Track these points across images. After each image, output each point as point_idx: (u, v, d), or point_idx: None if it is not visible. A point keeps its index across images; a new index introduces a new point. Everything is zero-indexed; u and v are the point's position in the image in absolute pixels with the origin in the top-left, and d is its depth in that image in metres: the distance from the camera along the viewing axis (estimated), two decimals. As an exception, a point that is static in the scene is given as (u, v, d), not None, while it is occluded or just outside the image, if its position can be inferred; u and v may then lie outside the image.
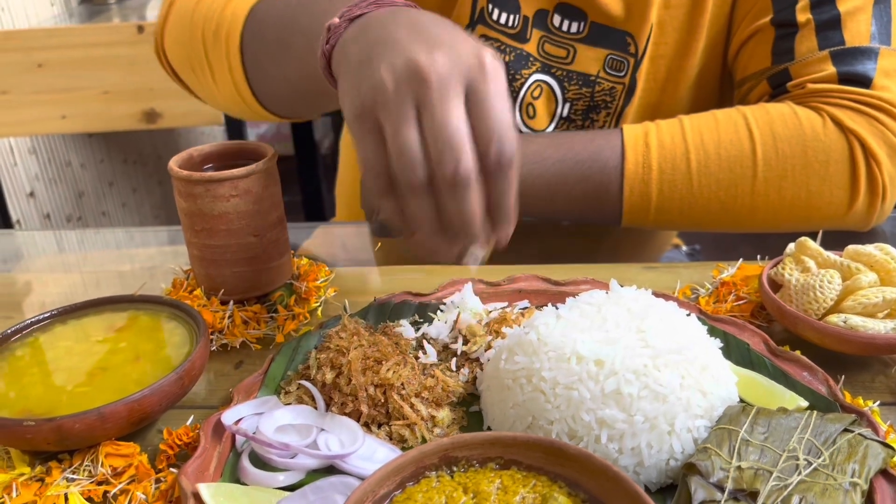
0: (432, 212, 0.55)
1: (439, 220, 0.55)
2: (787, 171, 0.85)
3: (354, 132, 0.57)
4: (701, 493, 0.49)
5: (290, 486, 0.54)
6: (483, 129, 0.54)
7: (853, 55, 0.86)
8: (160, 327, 0.66)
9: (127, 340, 0.65)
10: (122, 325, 0.66)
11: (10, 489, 0.55)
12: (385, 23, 0.61)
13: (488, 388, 0.61)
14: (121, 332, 0.66)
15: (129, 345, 0.64)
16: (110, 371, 0.62)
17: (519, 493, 0.47)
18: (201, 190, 0.71)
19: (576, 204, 0.90)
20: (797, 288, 0.68)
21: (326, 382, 0.61)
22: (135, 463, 0.57)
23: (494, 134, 0.54)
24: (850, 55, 0.86)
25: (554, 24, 0.92)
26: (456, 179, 0.53)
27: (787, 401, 0.58)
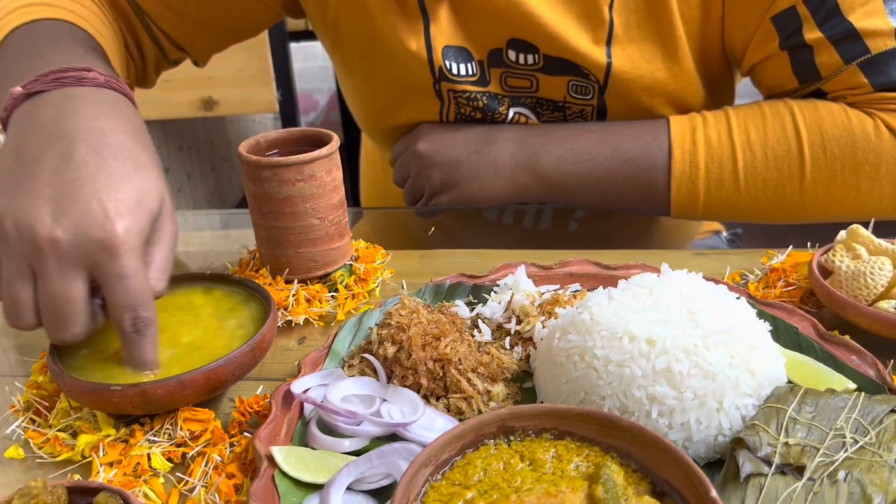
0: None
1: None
2: (836, 172, 0.84)
3: None
4: (748, 466, 0.51)
5: (354, 452, 0.58)
6: (112, 302, 0.57)
7: (883, 62, 0.83)
8: (233, 303, 0.70)
9: (202, 313, 0.69)
10: (198, 300, 0.70)
11: (98, 449, 0.60)
12: (44, 133, 0.61)
13: (541, 365, 0.64)
14: (197, 306, 0.70)
15: (204, 317, 0.68)
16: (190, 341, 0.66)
17: (573, 461, 0.50)
18: (268, 174, 0.75)
19: (626, 199, 0.92)
20: (848, 274, 0.69)
21: (388, 356, 0.64)
22: (210, 428, 0.61)
23: (124, 308, 0.57)
24: (881, 63, 0.83)
25: (510, 58, 0.92)
26: (61, 343, 0.59)
27: (835, 383, 0.60)
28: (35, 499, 0.48)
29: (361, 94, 1.05)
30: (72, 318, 0.57)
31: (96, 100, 0.65)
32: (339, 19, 0.96)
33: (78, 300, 0.57)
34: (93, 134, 0.61)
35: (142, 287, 0.58)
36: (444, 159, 0.96)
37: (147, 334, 0.59)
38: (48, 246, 0.55)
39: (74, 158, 0.59)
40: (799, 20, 0.84)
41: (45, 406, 0.65)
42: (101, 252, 0.56)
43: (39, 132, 0.61)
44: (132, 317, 0.58)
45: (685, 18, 0.87)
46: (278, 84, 2.17)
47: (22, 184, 0.58)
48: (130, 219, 0.57)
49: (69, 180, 0.58)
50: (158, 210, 0.61)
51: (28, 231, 0.56)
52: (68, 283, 0.56)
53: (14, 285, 0.57)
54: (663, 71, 0.90)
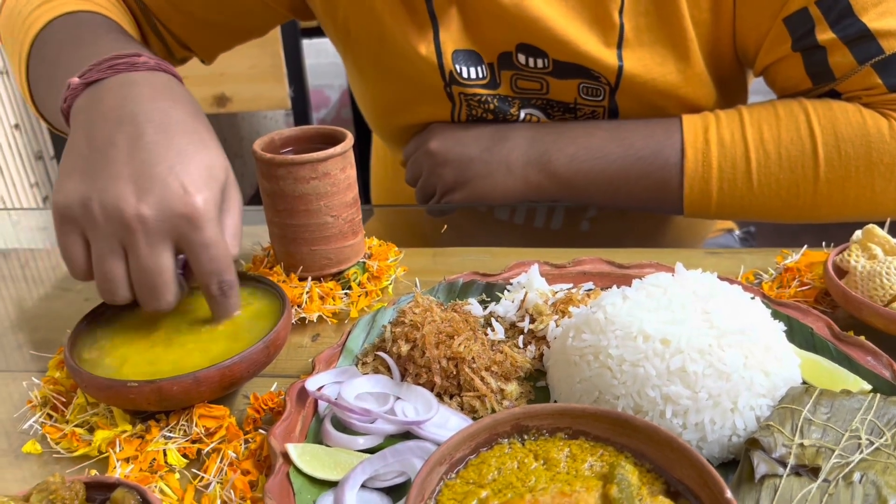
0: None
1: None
2: (851, 173, 0.84)
3: (58, 225, 0.62)
4: (763, 466, 0.51)
5: (369, 450, 0.58)
6: (199, 269, 0.62)
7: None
8: (247, 299, 0.71)
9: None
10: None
11: (114, 444, 0.60)
12: (111, 118, 0.64)
13: (555, 364, 0.64)
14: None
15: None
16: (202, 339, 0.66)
17: (587, 461, 0.50)
18: (283, 172, 0.75)
19: (638, 197, 0.92)
20: (863, 274, 0.69)
21: (402, 354, 0.64)
22: (225, 424, 0.62)
23: (210, 274, 0.62)
24: (895, 63, 0.83)
25: (520, 61, 0.91)
26: (156, 311, 0.62)
27: (851, 384, 0.59)
28: (53, 494, 0.49)
29: (372, 95, 1.05)
30: (164, 286, 0.61)
31: (152, 83, 0.68)
32: (348, 23, 0.96)
33: (168, 270, 0.61)
34: (157, 114, 0.64)
35: (224, 253, 0.62)
36: (456, 157, 0.96)
37: (232, 295, 0.64)
38: (137, 223, 0.59)
39: (145, 139, 0.62)
40: (811, 21, 0.84)
41: (62, 402, 0.66)
42: (186, 224, 0.60)
43: (107, 118, 0.64)
44: (218, 281, 0.63)
45: (696, 21, 0.87)
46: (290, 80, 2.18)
47: (101, 168, 0.61)
48: (207, 192, 0.61)
49: (144, 160, 0.61)
50: (226, 180, 0.65)
51: (116, 211, 0.59)
52: (158, 255, 0.60)
53: (107, 263, 0.61)
54: (675, 74, 0.89)
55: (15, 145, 2.15)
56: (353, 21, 0.96)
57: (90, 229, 0.61)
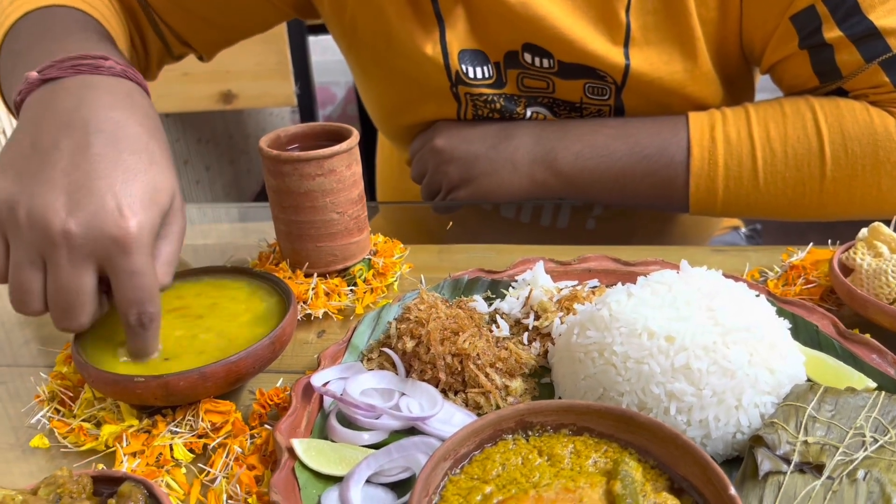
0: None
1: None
2: (857, 171, 0.84)
3: None
4: (767, 464, 0.51)
5: (374, 445, 0.58)
6: (119, 297, 0.58)
7: None
8: (253, 296, 0.71)
9: (223, 306, 0.69)
10: (219, 292, 0.71)
11: (121, 439, 0.61)
12: (61, 120, 0.61)
13: (560, 360, 0.64)
14: (218, 298, 0.70)
15: (224, 310, 0.69)
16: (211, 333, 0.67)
17: (591, 457, 0.50)
18: (289, 169, 0.76)
19: (644, 195, 0.92)
20: (869, 272, 0.69)
21: (407, 351, 0.64)
22: (231, 419, 0.62)
23: (130, 304, 0.58)
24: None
25: (526, 60, 0.91)
26: (67, 331, 0.60)
27: (855, 381, 0.59)
28: (61, 487, 0.49)
29: (378, 95, 1.05)
30: (80, 308, 0.58)
31: (113, 90, 0.65)
32: (355, 23, 0.97)
33: (87, 292, 0.58)
34: (109, 125, 0.61)
35: (150, 283, 0.58)
36: (462, 154, 0.96)
37: (150, 328, 0.60)
38: (61, 238, 0.56)
39: (91, 150, 0.59)
40: (818, 19, 0.84)
41: (69, 396, 0.66)
42: (113, 248, 0.56)
43: (56, 120, 0.61)
44: (138, 312, 0.58)
45: (703, 20, 0.87)
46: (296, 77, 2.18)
47: (38, 171, 0.58)
48: (143, 216, 0.58)
49: (85, 172, 0.58)
50: (169, 206, 0.62)
51: (42, 221, 0.56)
52: (79, 275, 0.57)
53: (24, 273, 0.58)
54: (682, 72, 0.89)
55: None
56: (360, 21, 0.96)
57: (12, 234, 0.58)
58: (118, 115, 0.62)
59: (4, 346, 0.79)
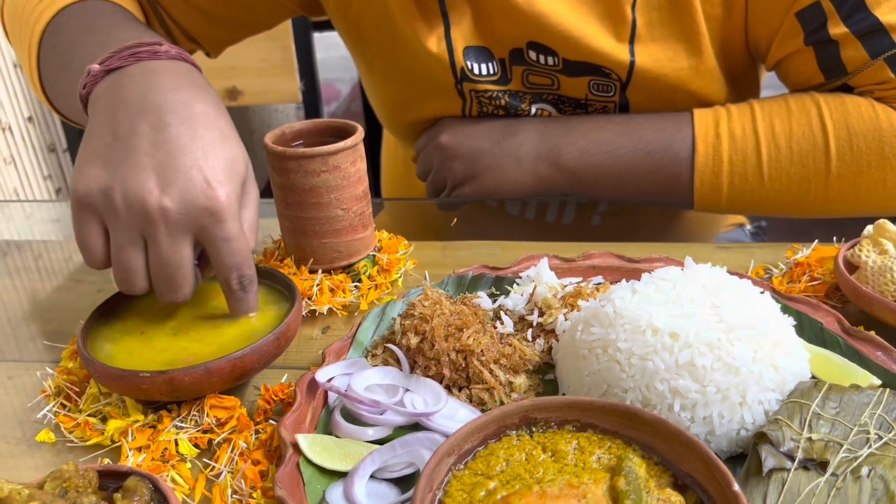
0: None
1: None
2: (863, 167, 0.83)
3: (76, 213, 0.61)
4: (771, 460, 0.51)
5: (378, 441, 0.59)
6: (219, 263, 0.62)
7: None
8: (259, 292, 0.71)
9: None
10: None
11: (127, 434, 0.61)
12: (134, 107, 0.63)
13: (564, 357, 0.64)
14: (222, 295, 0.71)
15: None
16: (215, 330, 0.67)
17: (595, 453, 0.50)
18: (294, 165, 0.76)
19: (648, 191, 0.92)
20: (874, 269, 0.68)
21: (411, 347, 0.65)
22: (236, 415, 0.62)
23: (230, 268, 0.62)
24: None
25: (531, 57, 0.91)
26: (173, 302, 0.63)
27: (860, 378, 0.59)
28: (67, 482, 0.50)
29: (383, 92, 1.05)
30: (182, 279, 0.62)
31: (174, 72, 0.67)
32: (360, 21, 0.97)
33: (187, 263, 0.61)
34: (180, 106, 0.64)
35: (244, 247, 0.62)
36: (467, 150, 0.96)
37: (251, 290, 0.65)
38: (158, 215, 0.59)
39: (169, 130, 0.62)
40: (823, 15, 0.83)
41: (75, 391, 0.66)
42: (208, 218, 0.60)
43: (129, 106, 0.64)
44: (238, 275, 0.63)
45: (708, 16, 0.87)
46: (301, 74, 2.18)
47: (124, 157, 0.61)
48: (229, 186, 0.61)
49: (168, 151, 0.61)
50: (246, 174, 0.65)
51: (139, 202, 0.59)
52: (178, 248, 0.60)
53: (126, 253, 0.61)
54: (687, 69, 0.89)
55: (28, 138, 2.16)
56: (365, 18, 0.96)
57: (110, 219, 0.61)
58: (185, 96, 0.65)
59: (11, 341, 0.79)
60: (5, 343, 0.79)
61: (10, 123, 2.10)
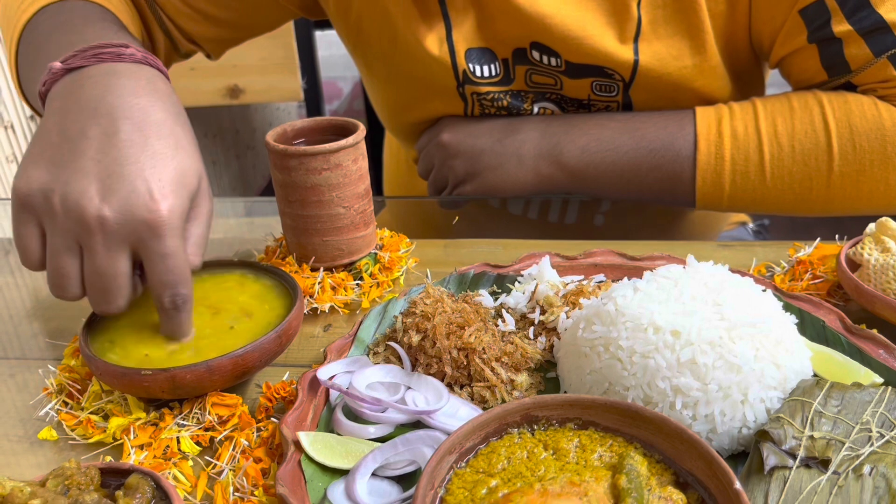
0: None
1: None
2: (865, 166, 0.83)
3: (15, 212, 0.60)
4: (773, 458, 0.51)
5: (379, 438, 0.59)
6: (153, 279, 0.60)
7: None
8: (260, 289, 0.71)
9: (230, 299, 0.70)
10: (226, 286, 0.71)
11: (129, 431, 0.61)
12: (88, 109, 0.62)
13: (565, 355, 0.64)
14: (225, 291, 0.71)
15: (231, 303, 0.69)
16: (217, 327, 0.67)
17: (596, 451, 0.50)
18: (295, 163, 0.76)
19: (650, 190, 0.92)
20: (876, 268, 0.68)
21: (412, 345, 0.65)
22: (237, 413, 0.62)
23: (164, 286, 0.60)
24: None
25: (534, 57, 0.91)
26: (105, 314, 0.61)
27: (862, 377, 0.59)
28: (69, 479, 0.50)
29: (384, 94, 1.05)
30: (117, 291, 0.60)
31: (136, 76, 0.66)
32: (361, 23, 0.96)
33: (123, 275, 0.59)
34: (135, 111, 0.62)
35: (182, 265, 0.60)
36: (468, 149, 0.96)
37: (184, 310, 0.62)
38: (96, 224, 0.57)
39: (119, 136, 0.60)
40: (827, 13, 0.83)
41: (77, 389, 0.66)
42: (146, 231, 0.58)
43: (83, 108, 0.63)
44: (172, 294, 0.60)
45: (712, 13, 0.87)
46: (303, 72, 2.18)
47: (69, 160, 0.60)
48: (173, 199, 0.59)
49: (115, 158, 0.59)
50: (197, 188, 0.63)
51: (76, 208, 0.58)
52: (114, 259, 0.59)
53: (61, 259, 0.59)
54: (690, 67, 0.89)
55: (31, 136, 2.16)
56: (365, 21, 0.96)
57: (48, 221, 0.59)
58: (143, 102, 0.63)
59: (13, 339, 0.79)
60: (7, 341, 0.79)
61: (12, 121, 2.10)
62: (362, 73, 1.08)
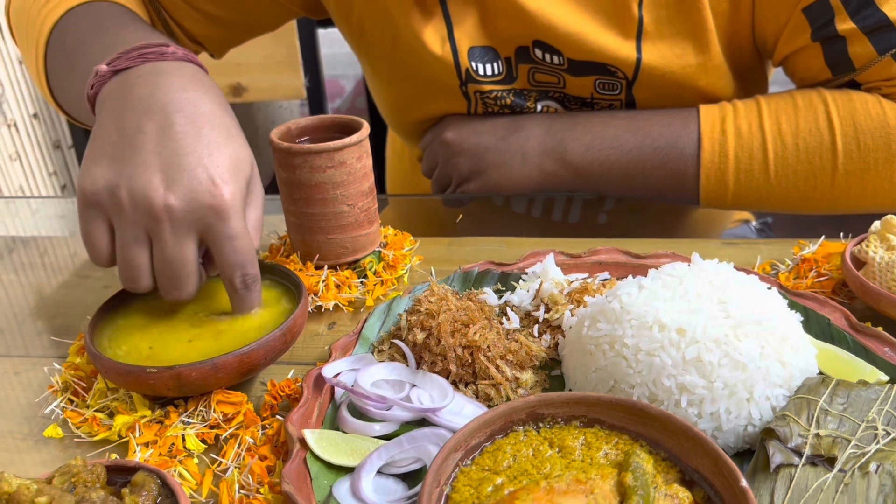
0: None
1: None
2: (870, 164, 0.83)
3: (82, 210, 0.62)
4: (779, 456, 0.51)
5: (385, 436, 0.59)
6: (222, 262, 0.62)
7: None
8: (264, 287, 0.71)
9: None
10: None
11: (134, 429, 0.61)
12: (141, 107, 0.64)
13: (570, 353, 0.64)
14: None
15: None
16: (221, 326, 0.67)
17: (602, 449, 0.50)
18: (300, 161, 0.76)
19: (654, 187, 0.92)
20: (881, 265, 0.68)
21: (417, 342, 0.65)
22: (242, 410, 0.62)
23: (234, 267, 0.62)
24: None
25: (537, 55, 0.91)
26: (176, 300, 0.63)
27: (868, 374, 0.59)
28: (75, 477, 0.50)
29: (387, 93, 1.05)
30: (187, 277, 0.62)
31: (181, 73, 0.68)
32: (363, 24, 0.96)
33: (191, 261, 0.61)
34: (186, 105, 0.64)
35: (248, 246, 0.62)
36: (472, 146, 0.96)
37: (254, 289, 0.65)
38: (164, 213, 0.59)
39: (175, 129, 0.62)
40: (831, 11, 0.83)
41: (82, 387, 0.67)
42: (212, 216, 0.60)
43: (136, 106, 0.64)
44: (242, 274, 0.63)
45: (715, 12, 0.86)
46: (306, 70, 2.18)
47: (129, 155, 0.62)
48: (234, 184, 0.62)
49: (173, 150, 0.61)
50: (251, 173, 0.65)
51: (144, 200, 0.60)
52: (183, 246, 0.60)
53: (131, 251, 0.61)
54: (694, 66, 0.89)
55: (34, 134, 2.17)
56: (367, 22, 0.96)
57: (116, 216, 0.61)
58: (191, 96, 0.65)
59: (17, 337, 0.79)
60: (12, 339, 0.79)
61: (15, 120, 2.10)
62: (366, 72, 1.08)
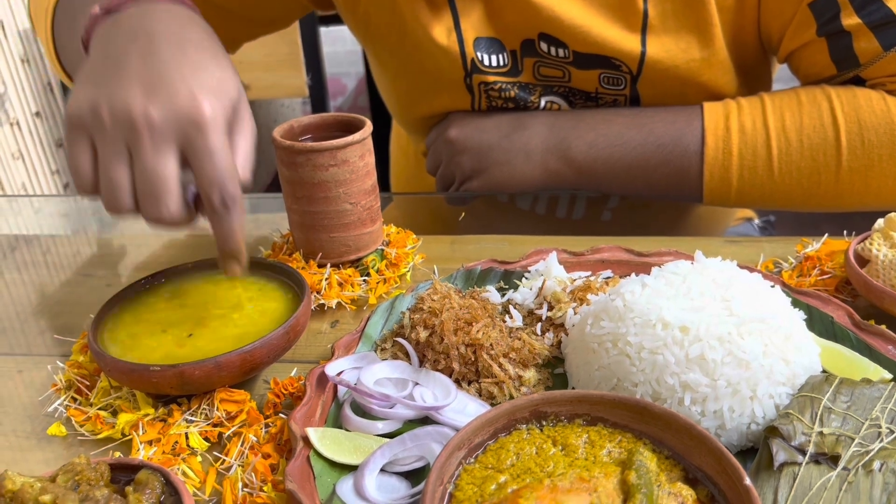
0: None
1: None
2: (874, 161, 0.83)
3: (67, 134, 0.61)
4: (782, 454, 0.51)
5: (388, 434, 0.59)
6: (201, 178, 0.59)
7: None
8: (267, 286, 0.71)
9: (237, 295, 0.70)
10: (233, 282, 0.71)
11: (137, 427, 0.61)
12: (128, 34, 0.63)
13: (573, 351, 0.64)
14: (232, 288, 0.71)
15: (239, 300, 0.69)
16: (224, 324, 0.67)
17: (605, 447, 0.50)
18: (302, 159, 0.76)
19: (657, 185, 0.91)
20: (885, 263, 0.68)
21: (420, 341, 0.65)
22: (246, 409, 0.62)
23: (212, 183, 0.59)
24: None
25: (542, 49, 0.91)
26: (159, 223, 0.60)
27: (871, 372, 0.59)
28: (79, 475, 0.50)
29: (393, 86, 1.05)
30: (167, 193, 0.59)
31: (172, 11, 0.67)
32: (369, 17, 0.96)
33: (171, 176, 0.59)
34: (173, 32, 0.64)
35: (228, 163, 0.60)
36: (476, 144, 0.96)
37: (234, 211, 0.60)
38: (143, 123, 0.58)
39: (160, 53, 0.62)
40: (836, 6, 0.83)
41: (86, 385, 0.67)
42: (191, 127, 0.59)
43: (124, 35, 0.64)
44: (220, 192, 0.60)
45: (720, 7, 0.86)
46: (308, 69, 2.18)
47: (112, 74, 0.61)
48: (215, 100, 0.60)
49: (156, 69, 0.61)
50: (237, 98, 0.63)
51: (123, 112, 0.59)
52: (162, 158, 0.59)
53: (112, 167, 0.60)
54: (698, 61, 0.88)
55: (36, 133, 2.17)
56: (373, 15, 0.96)
57: (98, 133, 0.60)
58: (179, 25, 0.65)
59: (20, 335, 0.80)
60: (15, 337, 0.79)
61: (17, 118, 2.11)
62: (372, 65, 1.09)
